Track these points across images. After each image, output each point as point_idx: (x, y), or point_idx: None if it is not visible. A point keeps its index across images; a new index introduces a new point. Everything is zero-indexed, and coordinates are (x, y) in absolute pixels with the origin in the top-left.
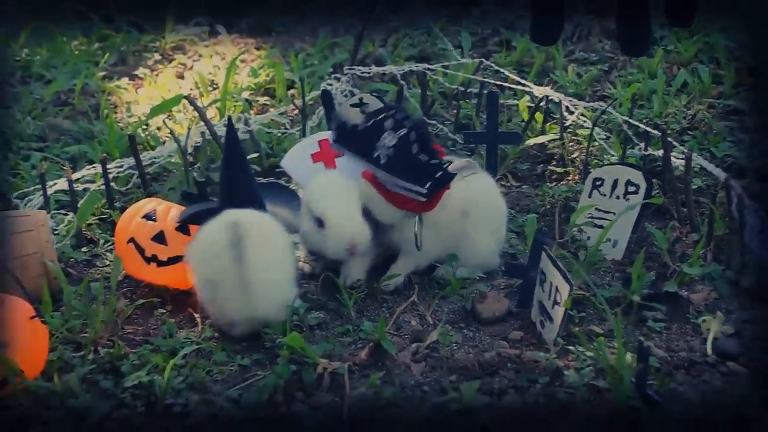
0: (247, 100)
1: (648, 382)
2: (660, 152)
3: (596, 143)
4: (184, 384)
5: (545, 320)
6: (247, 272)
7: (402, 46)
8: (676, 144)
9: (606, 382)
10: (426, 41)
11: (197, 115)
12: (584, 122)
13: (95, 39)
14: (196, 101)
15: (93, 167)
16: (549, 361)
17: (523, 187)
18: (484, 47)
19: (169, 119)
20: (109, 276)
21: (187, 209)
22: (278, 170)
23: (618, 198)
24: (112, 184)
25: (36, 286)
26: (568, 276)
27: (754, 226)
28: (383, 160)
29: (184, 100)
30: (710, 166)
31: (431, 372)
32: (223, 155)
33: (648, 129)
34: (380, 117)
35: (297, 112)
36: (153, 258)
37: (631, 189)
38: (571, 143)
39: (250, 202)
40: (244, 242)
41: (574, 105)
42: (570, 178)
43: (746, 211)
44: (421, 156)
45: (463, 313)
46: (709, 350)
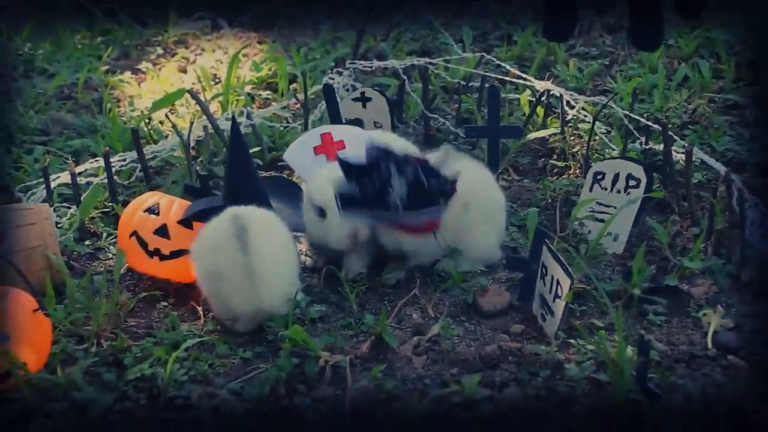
0: (249, 94)
1: (648, 376)
2: (661, 146)
3: (597, 137)
4: (186, 377)
5: (546, 313)
6: (252, 263)
7: (404, 40)
8: (676, 138)
9: (607, 376)
10: (427, 36)
11: (200, 109)
12: (585, 116)
13: (98, 33)
14: (198, 95)
15: (96, 161)
16: (550, 354)
17: (525, 181)
18: (485, 42)
19: (172, 113)
20: (112, 269)
21: (190, 207)
22: (280, 164)
23: (619, 192)
24: (114, 177)
25: (39, 279)
26: (569, 269)
27: (755, 220)
28: (400, 206)
29: (186, 94)
30: (711, 161)
31: (432, 365)
32: (227, 154)
33: (649, 123)
34: (383, 171)
35: (299, 106)
36: (156, 251)
37: (631, 183)
38: (572, 137)
39: (254, 201)
40: (248, 234)
41: (575, 99)
42: (571, 172)
43: (747, 205)
44: (432, 185)
45: (464, 307)
46: (709, 344)
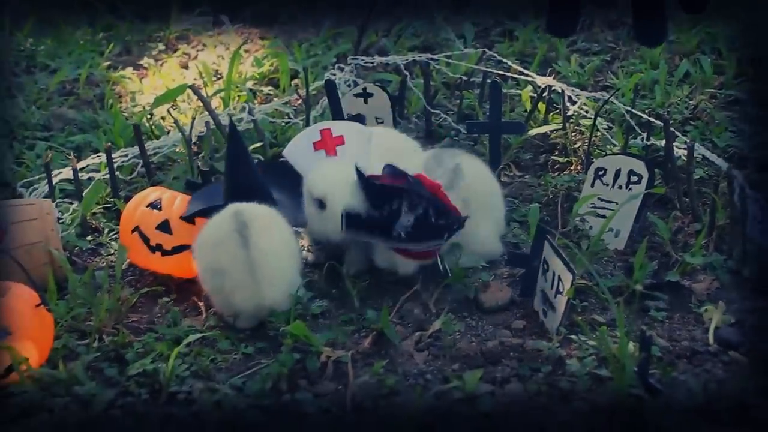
0: (251, 89)
1: (650, 371)
2: (662, 142)
3: (599, 133)
4: (188, 372)
5: (548, 309)
6: (254, 258)
7: (405, 36)
8: (678, 134)
9: (608, 371)
10: (429, 31)
11: (201, 104)
12: (587, 112)
13: (100, 29)
14: (200, 91)
15: (98, 156)
16: (551, 350)
17: (526, 176)
18: (486, 37)
19: (174, 109)
20: (114, 265)
21: (191, 205)
22: (281, 160)
23: (620, 188)
24: (116, 173)
25: (41, 274)
26: (571, 265)
27: (756, 215)
28: (404, 236)
29: (188, 90)
30: (712, 156)
31: (434, 360)
32: (225, 155)
33: (650, 119)
34: (394, 206)
35: (301, 101)
36: (158, 247)
37: (633, 179)
38: (574, 133)
39: (254, 198)
40: (249, 229)
41: (577, 95)
42: (572, 167)
43: (748, 200)
44: (439, 222)
45: (466, 303)
46: (710, 339)
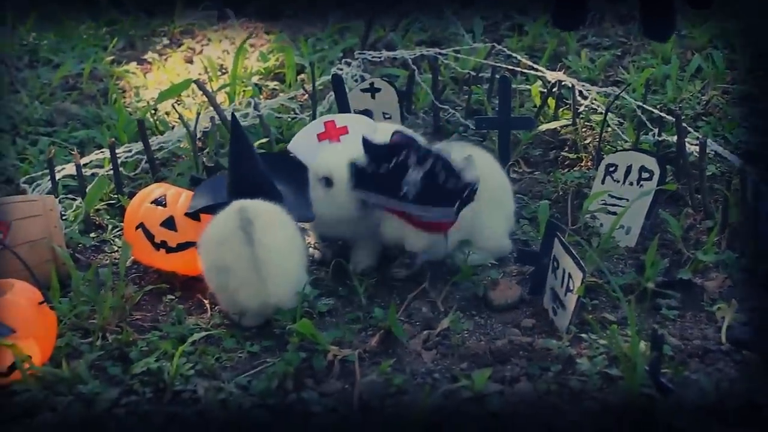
0: (256, 84)
1: (661, 371)
2: (674, 138)
3: (609, 129)
4: (193, 371)
5: (558, 307)
6: (259, 255)
7: (413, 30)
8: (690, 130)
9: (619, 370)
10: (437, 26)
11: (206, 99)
12: (597, 108)
13: (103, 23)
14: (205, 86)
15: (101, 152)
16: (561, 348)
17: (536, 173)
18: (496, 32)
19: (178, 104)
20: (118, 262)
21: (195, 199)
22: (286, 152)
23: (631, 184)
24: (120, 169)
25: (44, 271)
26: (581, 263)
27: None
28: (411, 195)
29: (193, 85)
30: (725, 152)
31: (442, 359)
32: (229, 151)
33: (662, 114)
34: (402, 157)
35: (307, 97)
36: (162, 244)
37: (644, 175)
38: (584, 129)
39: (259, 194)
40: (253, 225)
41: (587, 90)
42: (583, 164)
43: (761, 197)
44: (448, 183)
45: (474, 301)
46: (723, 338)
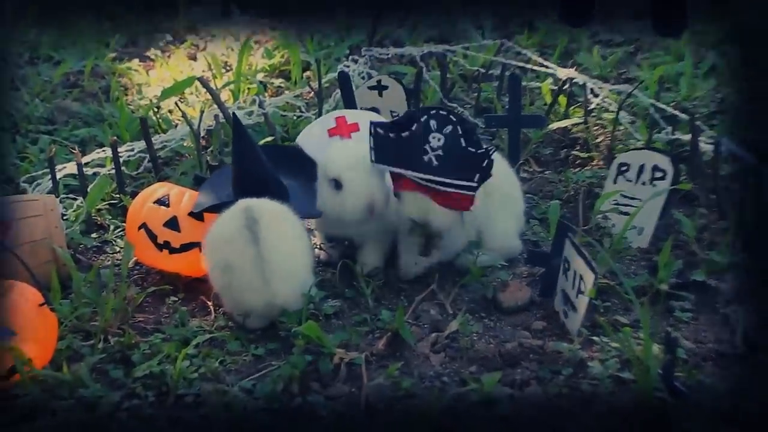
0: (261, 82)
1: (675, 374)
2: (688, 136)
3: (622, 127)
4: (196, 374)
5: (569, 310)
6: (264, 255)
7: (421, 26)
8: (704, 128)
9: (631, 374)
10: (446, 22)
11: (210, 97)
12: (609, 105)
13: (105, 19)
14: (208, 83)
15: (103, 151)
16: (572, 351)
17: (546, 172)
18: (505, 28)
19: (182, 102)
20: (120, 263)
21: (200, 196)
22: (292, 144)
23: (644, 184)
24: (122, 168)
25: (44, 272)
26: (593, 264)
27: None
28: (435, 162)
29: (196, 82)
30: (740, 151)
31: (451, 363)
32: (232, 151)
33: (675, 112)
34: (423, 119)
35: (313, 94)
36: (165, 244)
37: (657, 174)
38: (596, 127)
39: (265, 193)
40: (258, 225)
41: (599, 88)
42: (594, 163)
43: None
44: (469, 149)
45: (483, 302)
46: (738, 341)
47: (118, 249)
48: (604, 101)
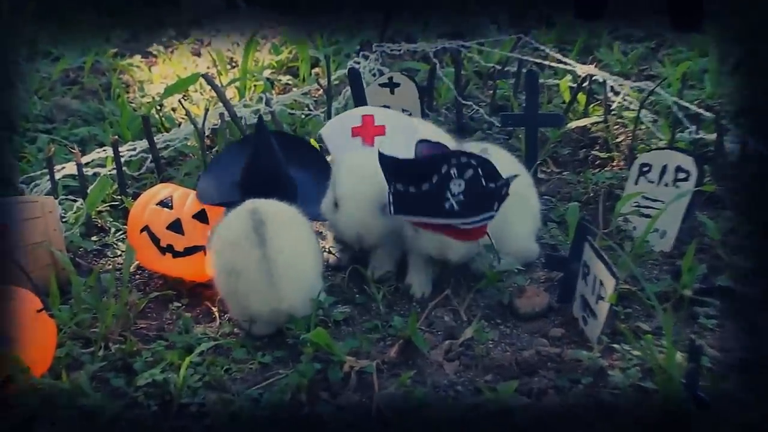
0: (268, 79)
1: (699, 384)
2: (712, 136)
3: (643, 126)
4: (200, 383)
5: (588, 316)
6: (270, 258)
7: (434, 21)
8: (730, 127)
9: (654, 383)
10: (460, 16)
11: (215, 95)
12: (630, 104)
13: (106, 13)
14: (213, 80)
15: (103, 150)
16: (592, 360)
17: (565, 173)
18: (522, 23)
19: (185, 99)
20: (121, 267)
21: (202, 181)
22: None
23: (667, 185)
24: (124, 168)
25: (43, 276)
26: (614, 269)
27: None
28: (456, 208)
29: (201, 79)
30: (767, 151)
31: (465, 371)
32: (252, 150)
33: (699, 111)
34: (444, 171)
35: (322, 92)
36: (168, 248)
37: (681, 175)
38: (616, 126)
39: (274, 194)
40: (266, 227)
41: (620, 85)
42: (615, 163)
43: None
44: (489, 186)
45: (499, 309)
46: (765, 349)
47: (119, 252)
48: (625, 99)
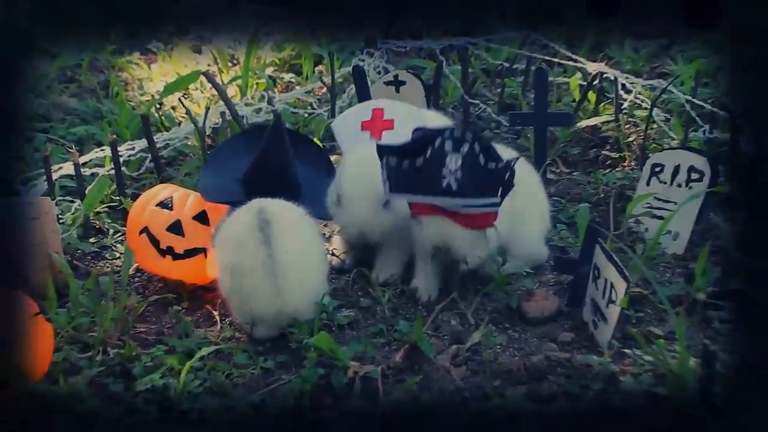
0: (270, 76)
1: (713, 390)
2: (727, 135)
3: (655, 125)
4: (201, 388)
5: (599, 320)
6: (276, 259)
7: (441, 17)
8: (745, 126)
9: (666, 389)
10: (467, 12)
11: (216, 93)
12: (642, 102)
13: (104, 8)
14: (214, 78)
15: (102, 150)
16: (603, 365)
17: (575, 173)
18: (531, 19)
19: (186, 98)
20: (120, 269)
21: (203, 182)
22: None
23: (679, 186)
24: (122, 168)
25: (39, 279)
26: (625, 271)
27: None
28: (455, 185)
29: (201, 77)
30: None
31: (473, 376)
32: (264, 147)
33: (713, 109)
34: (438, 144)
35: (325, 90)
36: (168, 250)
37: (694, 176)
38: (628, 125)
39: (279, 194)
40: (271, 227)
41: (631, 83)
42: (626, 163)
43: None
44: (489, 165)
45: (508, 312)
46: None
47: (118, 255)
48: (637, 97)
